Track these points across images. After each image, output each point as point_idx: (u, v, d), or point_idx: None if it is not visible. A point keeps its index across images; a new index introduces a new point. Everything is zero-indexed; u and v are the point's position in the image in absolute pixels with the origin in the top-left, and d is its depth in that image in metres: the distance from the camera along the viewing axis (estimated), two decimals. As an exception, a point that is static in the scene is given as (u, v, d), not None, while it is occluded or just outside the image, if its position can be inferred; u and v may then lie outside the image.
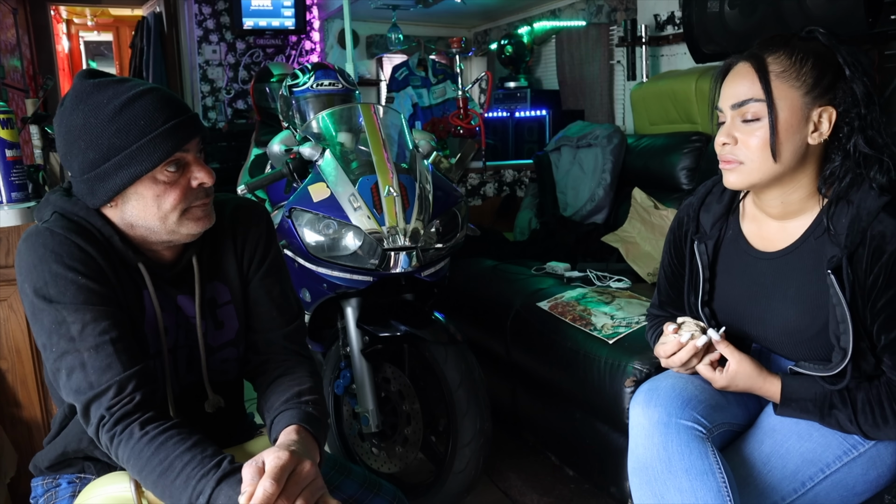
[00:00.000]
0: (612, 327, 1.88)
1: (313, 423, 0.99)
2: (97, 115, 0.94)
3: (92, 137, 0.94)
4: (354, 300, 1.81)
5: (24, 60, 4.78)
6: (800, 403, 1.15)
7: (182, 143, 0.96)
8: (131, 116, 0.93)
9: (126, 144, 0.93)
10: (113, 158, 0.94)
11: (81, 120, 0.95)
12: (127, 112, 0.93)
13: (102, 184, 0.95)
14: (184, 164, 0.98)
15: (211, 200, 1.03)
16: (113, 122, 0.93)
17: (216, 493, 0.83)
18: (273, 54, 5.24)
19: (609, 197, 2.90)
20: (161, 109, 0.95)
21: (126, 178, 0.94)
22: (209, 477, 0.84)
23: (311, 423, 0.99)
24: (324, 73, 2.23)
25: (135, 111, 0.94)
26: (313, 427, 0.98)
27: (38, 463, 1.11)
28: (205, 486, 0.84)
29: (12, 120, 1.61)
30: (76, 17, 8.30)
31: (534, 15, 4.83)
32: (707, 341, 1.18)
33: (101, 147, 0.94)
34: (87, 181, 0.96)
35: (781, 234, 1.20)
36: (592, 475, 1.98)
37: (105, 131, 0.93)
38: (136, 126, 0.93)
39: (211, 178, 1.00)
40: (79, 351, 0.91)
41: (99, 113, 0.94)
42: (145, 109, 0.94)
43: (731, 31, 2.57)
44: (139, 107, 0.94)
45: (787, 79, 1.08)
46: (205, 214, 1.01)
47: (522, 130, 4.45)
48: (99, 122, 0.94)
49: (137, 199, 0.97)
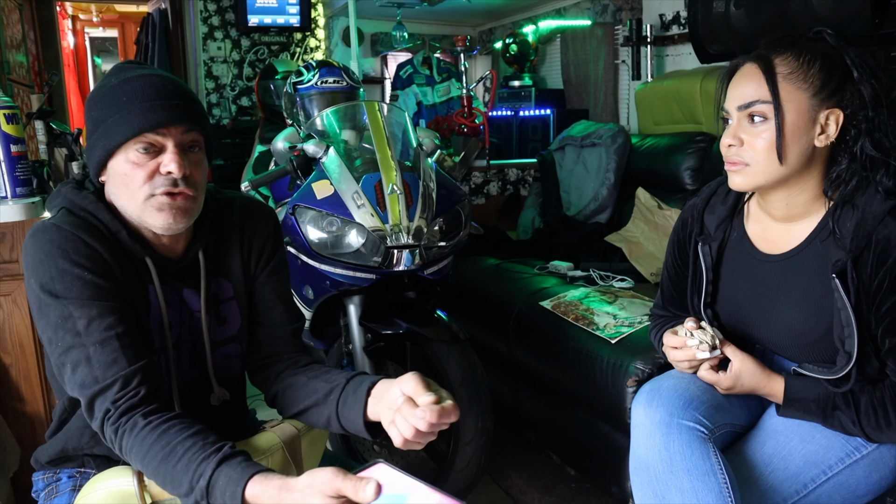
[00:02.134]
0: (614, 327, 1.88)
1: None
2: (99, 91, 1.00)
3: (89, 110, 1.00)
4: (357, 298, 1.81)
5: (29, 56, 4.78)
6: (803, 404, 1.15)
7: (155, 124, 0.96)
8: (119, 93, 0.97)
9: (106, 117, 0.97)
10: (97, 131, 0.98)
11: (93, 94, 1.01)
12: (118, 89, 0.98)
13: (90, 155, 1.00)
14: (158, 148, 0.98)
15: (191, 204, 1.00)
16: (104, 97, 0.98)
17: (216, 474, 0.83)
18: (278, 51, 5.24)
19: (613, 197, 2.90)
20: (147, 91, 0.97)
21: (101, 150, 0.98)
22: (210, 460, 0.85)
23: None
24: (328, 70, 2.24)
25: (123, 88, 0.97)
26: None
27: (39, 457, 1.12)
28: (205, 468, 0.84)
29: (17, 115, 1.61)
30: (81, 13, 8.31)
31: (539, 14, 4.82)
32: (707, 359, 1.18)
33: (93, 118, 0.99)
34: (87, 152, 1.02)
35: (786, 236, 1.19)
36: (594, 474, 1.99)
37: (97, 104, 0.99)
38: (118, 101, 0.97)
39: (180, 170, 0.97)
40: (84, 346, 0.92)
41: (101, 88, 1.00)
42: (133, 88, 0.97)
43: (737, 32, 2.56)
44: (129, 86, 0.97)
45: (794, 80, 1.08)
46: (168, 207, 0.97)
47: (526, 129, 4.44)
48: (98, 96, 1.00)
49: (113, 176, 1.00)
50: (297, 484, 0.79)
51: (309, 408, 1.05)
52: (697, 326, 1.18)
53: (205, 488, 0.83)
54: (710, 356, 1.17)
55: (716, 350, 1.17)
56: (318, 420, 1.05)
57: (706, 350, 1.16)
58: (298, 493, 0.78)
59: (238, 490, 0.81)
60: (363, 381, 0.99)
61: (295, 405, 1.07)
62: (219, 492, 0.83)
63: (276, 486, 0.80)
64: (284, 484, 0.80)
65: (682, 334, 1.19)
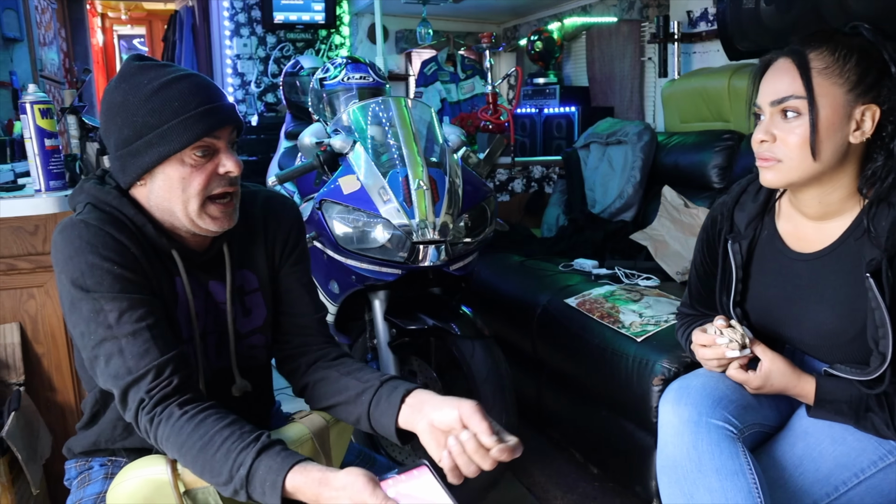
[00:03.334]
0: (640, 325, 1.86)
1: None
2: (136, 94, 0.97)
3: (128, 115, 0.97)
4: (382, 293, 1.82)
5: (60, 53, 4.87)
6: (834, 405, 1.13)
7: (213, 128, 0.97)
8: (167, 97, 0.96)
9: (158, 123, 0.95)
10: (145, 136, 0.96)
11: (121, 98, 0.98)
12: (164, 93, 0.96)
13: (133, 161, 0.98)
14: (213, 150, 0.99)
15: (235, 201, 1.04)
16: (149, 102, 0.96)
17: (256, 463, 0.85)
18: (303, 48, 5.28)
19: (638, 194, 2.88)
20: (196, 94, 0.97)
21: (155, 156, 0.96)
22: (249, 449, 0.86)
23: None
24: (355, 66, 2.24)
25: (171, 93, 0.96)
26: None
27: (72, 447, 1.14)
28: (245, 457, 0.85)
29: (52, 110, 1.64)
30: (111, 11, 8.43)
31: (564, 11, 4.79)
32: (736, 358, 1.16)
33: (136, 125, 0.96)
34: (120, 157, 0.99)
35: (819, 234, 1.18)
36: (617, 473, 1.97)
37: (140, 110, 0.96)
38: (170, 107, 0.95)
39: (238, 168, 1.00)
40: (116, 338, 0.93)
41: (138, 92, 0.97)
42: (181, 92, 0.96)
43: (767, 28, 2.53)
44: (176, 89, 0.96)
45: (829, 76, 1.06)
46: (223, 215, 1.02)
47: (551, 127, 4.43)
48: (136, 100, 0.96)
49: (164, 180, 0.99)
50: (335, 481, 0.81)
51: (339, 404, 1.06)
52: (727, 325, 1.17)
53: (244, 477, 0.84)
54: (740, 355, 1.15)
55: (745, 349, 1.15)
56: (348, 417, 1.06)
57: (736, 349, 1.15)
58: (335, 491, 0.80)
59: (279, 479, 0.83)
60: (398, 387, 1.00)
61: (325, 399, 1.09)
62: (258, 481, 0.84)
63: (316, 480, 0.82)
64: (324, 478, 0.82)
65: (711, 332, 1.18)
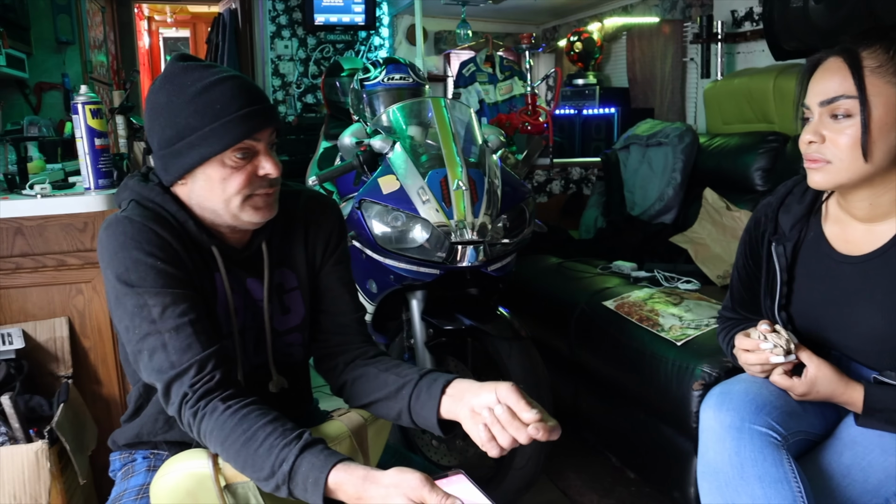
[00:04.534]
0: (680, 329, 1.84)
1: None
2: (179, 95, 0.98)
3: (171, 115, 0.98)
4: (420, 293, 1.82)
5: (109, 56, 5.00)
6: (885, 414, 1.10)
7: (253, 131, 0.98)
8: (209, 99, 0.97)
9: (200, 125, 0.97)
10: (187, 137, 0.97)
11: (165, 98, 0.99)
12: (206, 95, 0.97)
13: (175, 161, 0.99)
14: (253, 152, 1.00)
15: (276, 192, 1.05)
16: (192, 103, 0.97)
17: (299, 460, 0.85)
18: (343, 50, 5.33)
19: (679, 197, 2.83)
20: (238, 96, 0.98)
21: (196, 157, 0.98)
22: (292, 446, 0.87)
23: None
24: (395, 67, 2.26)
25: (213, 95, 0.97)
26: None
27: (116, 439, 1.17)
28: (288, 453, 0.86)
29: (102, 110, 1.69)
30: (157, 14, 8.65)
31: (605, 11, 4.75)
32: (780, 363, 1.13)
33: (178, 125, 0.98)
34: (163, 157, 1.01)
35: (868, 237, 1.15)
36: (654, 478, 1.95)
37: (183, 111, 0.97)
38: (212, 109, 0.97)
39: (277, 170, 1.02)
40: (160, 332, 0.94)
41: (181, 93, 0.98)
42: (223, 94, 0.97)
43: (816, 28, 2.46)
44: (218, 91, 0.97)
45: (883, 74, 1.03)
46: (265, 205, 1.03)
47: (590, 128, 4.39)
48: (180, 101, 0.98)
49: (205, 181, 1.00)
50: (383, 479, 0.80)
51: (379, 400, 1.07)
52: (771, 329, 1.15)
53: (287, 473, 0.85)
54: (785, 360, 1.13)
55: (790, 354, 1.13)
56: (389, 413, 1.06)
57: (780, 354, 1.12)
58: (384, 488, 0.80)
59: (322, 476, 0.83)
60: (437, 379, 1.00)
61: (364, 396, 1.09)
62: (301, 477, 0.85)
63: (360, 476, 0.82)
64: (369, 475, 0.82)
65: (754, 337, 1.16)
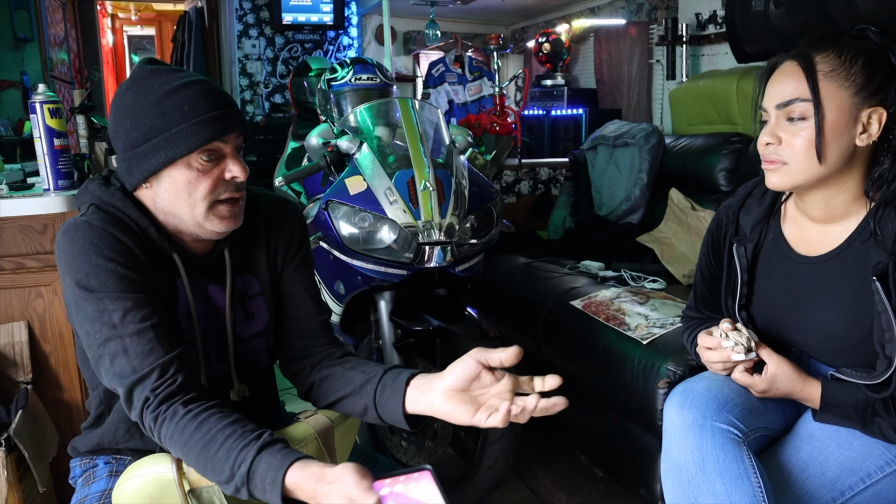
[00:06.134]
0: (646, 328, 1.86)
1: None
2: (146, 97, 0.98)
3: (137, 117, 0.98)
4: (388, 293, 1.82)
5: (70, 53, 4.90)
6: (840, 409, 1.12)
7: (221, 133, 0.98)
8: (177, 101, 0.97)
9: (167, 127, 0.96)
10: (153, 139, 0.97)
11: (132, 100, 0.99)
12: (174, 97, 0.97)
13: (140, 163, 0.99)
14: (220, 155, 1.00)
15: (242, 202, 1.05)
16: (159, 105, 0.97)
17: (257, 461, 0.85)
18: (311, 49, 5.29)
19: (645, 197, 2.87)
20: (207, 99, 0.98)
21: (162, 159, 0.97)
22: (250, 447, 0.86)
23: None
24: (362, 67, 2.25)
25: (181, 97, 0.97)
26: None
27: (77, 446, 1.15)
28: (246, 455, 0.86)
29: (61, 110, 1.65)
30: (120, 12, 8.48)
31: (572, 13, 4.79)
32: (741, 361, 1.16)
33: (144, 127, 0.97)
34: (128, 159, 1.00)
35: (824, 237, 1.17)
36: (622, 476, 1.97)
37: (150, 112, 0.97)
38: (180, 111, 0.96)
39: (244, 174, 1.01)
40: (121, 337, 0.93)
41: (149, 95, 0.98)
42: (192, 97, 0.97)
43: (776, 31, 2.52)
44: (186, 94, 0.97)
45: (835, 78, 1.06)
46: (231, 215, 1.03)
47: (558, 129, 4.42)
48: (147, 103, 0.97)
49: (170, 183, 0.99)
50: (330, 475, 0.81)
51: (345, 396, 1.07)
52: (733, 328, 1.17)
53: (245, 474, 0.85)
54: (746, 358, 1.15)
55: (751, 352, 1.15)
56: (355, 409, 1.06)
57: (741, 352, 1.15)
58: (328, 485, 0.80)
59: (278, 476, 0.83)
60: (402, 373, 1.01)
61: (331, 395, 1.09)
62: (259, 478, 0.84)
63: (313, 475, 0.82)
64: (321, 473, 0.82)
65: (717, 335, 1.18)
